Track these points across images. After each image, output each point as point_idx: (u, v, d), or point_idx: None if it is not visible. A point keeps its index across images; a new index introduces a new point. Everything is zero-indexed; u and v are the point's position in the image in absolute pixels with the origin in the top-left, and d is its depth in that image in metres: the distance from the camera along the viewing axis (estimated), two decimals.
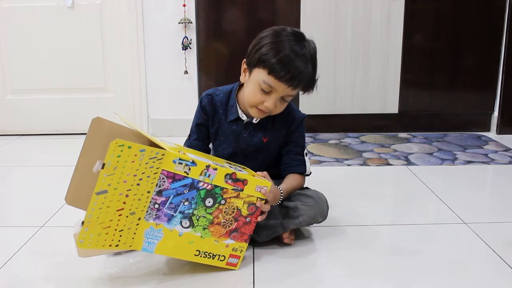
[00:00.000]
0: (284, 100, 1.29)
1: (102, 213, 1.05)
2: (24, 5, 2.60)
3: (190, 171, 1.12)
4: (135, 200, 1.08)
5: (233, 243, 1.22)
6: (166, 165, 1.09)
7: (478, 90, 2.65)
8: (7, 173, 2.13)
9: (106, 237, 1.08)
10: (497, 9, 2.54)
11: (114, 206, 1.06)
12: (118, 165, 1.03)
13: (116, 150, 1.02)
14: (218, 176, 1.15)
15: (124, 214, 1.08)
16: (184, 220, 1.15)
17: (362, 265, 1.28)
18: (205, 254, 1.20)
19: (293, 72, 1.22)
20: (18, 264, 1.30)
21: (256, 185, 1.20)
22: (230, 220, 1.20)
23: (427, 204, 1.69)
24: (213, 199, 1.16)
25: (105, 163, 1.02)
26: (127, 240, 1.11)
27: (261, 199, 1.21)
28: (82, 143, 1.23)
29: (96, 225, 1.06)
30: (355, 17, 2.53)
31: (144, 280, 1.22)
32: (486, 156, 2.24)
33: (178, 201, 1.13)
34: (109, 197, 1.05)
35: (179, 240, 1.16)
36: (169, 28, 2.58)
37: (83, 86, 2.71)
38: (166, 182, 1.10)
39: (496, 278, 1.22)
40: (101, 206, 1.05)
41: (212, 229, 1.18)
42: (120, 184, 1.05)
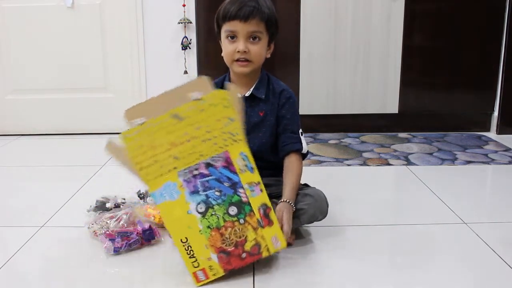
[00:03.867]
0: (253, 40, 1.35)
1: (161, 131, 1.04)
2: (24, 5, 2.60)
3: (244, 172, 1.12)
4: (187, 150, 1.07)
5: (215, 263, 1.17)
6: (233, 149, 1.09)
7: (478, 90, 2.64)
8: (7, 173, 2.13)
9: (144, 152, 1.05)
10: (497, 9, 2.54)
11: (172, 137, 1.05)
12: (207, 110, 1.04)
13: (221, 99, 1.03)
14: (258, 198, 1.14)
15: (171, 151, 1.06)
16: (201, 205, 1.13)
17: (362, 265, 1.28)
18: (188, 248, 1.15)
19: (238, 5, 1.31)
20: (18, 264, 1.30)
21: (275, 234, 1.17)
22: (232, 242, 1.16)
23: (427, 204, 1.69)
24: (237, 211, 1.14)
25: (202, 98, 1.02)
26: (151, 174, 1.08)
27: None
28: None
29: (148, 134, 1.04)
30: (355, 17, 2.53)
31: (144, 280, 1.23)
32: (486, 156, 2.24)
33: (213, 186, 1.12)
34: (177, 125, 1.04)
35: (183, 215, 1.13)
36: (169, 28, 2.58)
37: (83, 86, 2.71)
38: (219, 163, 1.10)
39: (496, 278, 1.22)
40: (165, 125, 1.04)
41: (213, 234, 1.15)
42: (193, 126, 1.04)
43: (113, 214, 1.46)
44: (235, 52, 1.35)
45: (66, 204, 1.71)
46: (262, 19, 1.34)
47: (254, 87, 1.43)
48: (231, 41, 1.35)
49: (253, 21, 1.33)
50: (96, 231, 1.40)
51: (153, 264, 1.29)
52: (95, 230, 1.41)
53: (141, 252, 1.35)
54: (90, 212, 1.55)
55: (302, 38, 2.54)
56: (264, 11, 1.34)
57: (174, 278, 1.23)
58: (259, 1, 1.35)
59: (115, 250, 1.32)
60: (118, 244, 1.33)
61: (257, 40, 1.35)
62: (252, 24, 1.33)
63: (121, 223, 1.42)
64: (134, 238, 1.35)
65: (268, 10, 1.36)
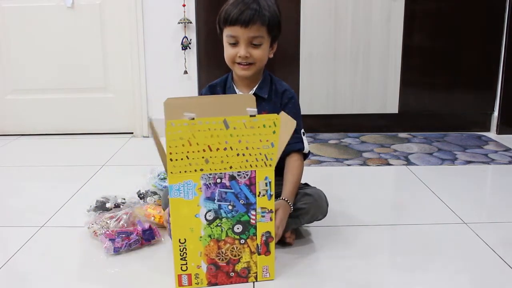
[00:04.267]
0: (255, 45, 1.34)
1: (205, 132, 1.04)
2: (24, 5, 2.60)
3: (262, 197, 1.12)
4: (220, 157, 1.07)
5: (202, 272, 1.16)
6: (261, 172, 1.11)
7: (478, 90, 2.65)
8: (7, 173, 2.13)
9: (181, 146, 1.05)
10: (497, 9, 2.54)
11: (212, 141, 1.06)
12: (256, 129, 1.06)
13: (272, 122, 1.06)
14: (265, 225, 1.15)
15: (205, 153, 1.06)
16: (211, 213, 1.12)
17: (362, 265, 1.28)
18: (183, 249, 1.13)
19: (240, 9, 1.30)
20: (18, 264, 1.30)
21: (268, 265, 1.18)
22: (226, 257, 1.16)
23: (427, 204, 1.69)
24: (242, 230, 1.14)
25: (256, 116, 1.05)
26: (177, 167, 1.07)
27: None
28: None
29: (193, 130, 1.03)
30: (355, 17, 2.53)
31: (144, 280, 1.23)
32: (486, 156, 2.24)
33: (229, 199, 1.12)
34: (222, 131, 1.05)
35: (190, 217, 1.12)
36: (169, 28, 2.58)
37: (83, 86, 2.71)
38: (243, 180, 1.11)
39: (496, 278, 1.22)
40: (212, 128, 1.04)
41: (211, 244, 1.14)
42: (236, 138, 1.06)
43: (113, 214, 1.46)
44: (237, 56, 1.35)
45: (66, 204, 1.71)
46: (263, 24, 1.33)
47: (257, 87, 1.43)
48: (233, 45, 1.35)
49: (254, 27, 1.32)
50: (96, 231, 1.40)
51: (153, 264, 1.29)
52: (95, 230, 1.41)
53: (141, 252, 1.35)
54: (90, 212, 1.55)
55: (302, 38, 2.54)
56: (265, 14, 1.32)
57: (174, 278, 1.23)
58: (261, 3, 1.33)
59: (115, 250, 1.32)
60: (118, 244, 1.33)
61: (258, 45, 1.35)
62: (253, 30, 1.32)
63: (121, 223, 1.42)
64: (134, 238, 1.35)
65: (269, 13, 1.34)
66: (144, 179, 1.74)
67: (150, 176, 1.73)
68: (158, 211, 1.49)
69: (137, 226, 1.40)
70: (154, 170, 1.76)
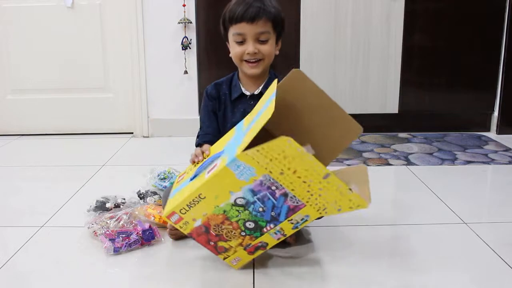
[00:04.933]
0: (262, 41, 1.35)
1: (302, 161, 1.04)
2: (24, 5, 2.60)
3: (288, 224, 1.15)
4: (294, 177, 1.07)
5: (192, 225, 1.15)
6: (308, 209, 1.12)
7: (478, 90, 2.64)
8: (7, 173, 2.13)
9: (280, 150, 1.03)
10: (497, 9, 2.54)
11: (301, 171, 1.05)
12: (344, 195, 1.08)
13: (359, 204, 1.09)
14: (269, 239, 1.18)
15: (286, 170, 1.06)
16: (243, 201, 1.11)
17: (362, 265, 1.28)
18: (194, 201, 1.12)
19: (244, 7, 1.32)
20: (18, 264, 1.30)
21: (241, 260, 1.23)
22: (218, 233, 1.17)
23: (427, 204, 1.69)
24: (250, 228, 1.16)
25: (352, 190, 1.07)
26: (257, 157, 1.05)
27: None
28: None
29: (297, 154, 1.03)
30: (355, 17, 2.53)
31: (144, 280, 1.23)
32: (486, 156, 2.24)
33: (266, 205, 1.12)
34: (316, 175, 1.05)
35: (224, 189, 1.09)
36: (169, 28, 2.58)
37: (83, 86, 2.71)
38: (290, 203, 1.11)
39: (496, 278, 1.22)
40: (314, 168, 1.04)
41: (219, 216, 1.13)
42: (320, 185, 1.07)
43: (113, 214, 1.46)
44: (245, 54, 1.36)
45: (66, 204, 1.71)
46: (269, 19, 1.34)
47: (263, 86, 1.43)
48: (240, 43, 1.36)
49: (260, 22, 1.33)
50: (96, 231, 1.40)
51: (153, 264, 1.29)
52: (95, 230, 1.41)
53: (141, 252, 1.35)
54: (90, 212, 1.55)
55: (302, 38, 2.54)
56: (270, 10, 1.34)
57: (174, 278, 1.23)
58: (264, 1, 1.35)
59: (115, 250, 1.32)
60: (118, 244, 1.33)
61: (265, 40, 1.36)
62: (259, 25, 1.33)
63: (121, 223, 1.42)
64: (134, 238, 1.35)
65: (273, 9, 1.36)
66: (144, 179, 1.74)
67: (150, 176, 1.73)
68: (158, 211, 1.49)
69: (137, 226, 1.40)
70: (154, 170, 1.76)
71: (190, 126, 2.59)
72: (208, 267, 1.27)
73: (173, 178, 1.72)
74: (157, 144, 2.60)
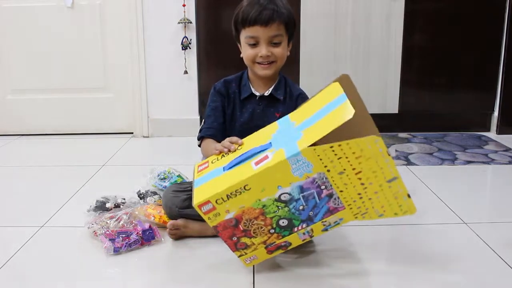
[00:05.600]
0: (275, 43, 1.35)
1: (368, 161, 1.03)
2: (24, 5, 2.60)
3: (320, 224, 1.14)
4: (348, 178, 1.06)
5: (223, 217, 1.10)
6: (345, 213, 1.11)
7: (478, 90, 2.65)
8: (7, 173, 2.13)
9: (358, 149, 1.02)
10: (497, 9, 2.54)
11: (366, 170, 1.05)
12: (404, 207, 1.08)
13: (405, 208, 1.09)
14: (296, 239, 1.16)
15: (348, 167, 1.04)
16: (287, 197, 1.09)
17: (362, 265, 1.28)
18: (235, 192, 1.07)
19: (257, 9, 1.31)
20: (18, 264, 1.30)
21: (256, 258, 1.20)
22: (248, 227, 1.13)
23: (427, 204, 1.69)
24: (282, 226, 1.13)
25: (395, 178, 1.05)
26: (323, 154, 1.04)
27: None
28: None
29: (378, 154, 1.02)
30: (355, 17, 2.53)
31: (144, 280, 1.23)
32: (486, 156, 2.24)
33: (308, 203, 1.10)
34: (377, 176, 1.05)
35: (273, 182, 1.07)
36: (169, 28, 2.58)
37: (83, 86, 2.71)
38: (332, 204, 1.11)
39: (496, 278, 1.22)
40: (383, 168, 1.04)
41: (256, 210, 1.10)
42: (378, 188, 1.06)
43: (113, 214, 1.46)
44: (257, 56, 1.36)
45: (66, 204, 1.71)
46: (282, 22, 1.34)
47: (273, 88, 1.43)
48: (252, 46, 1.35)
49: (274, 25, 1.33)
50: (96, 231, 1.40)
51: (153, 264, 1.29)
52: (95, 230, 1.41)
53: (141, 252, 1.35)
54: (90, 212, 1.55)
55: (302, 38, 2.54)
56: (283, 12, 1.34)
57: (174, 278, 1.23)
58: (276, 2, 1.35)
59: (115, 250, 1.32)
60: (118, 244, 1.33)
61: (278, 43, 1.35)
62: (272, 28, 1.33)
63: (121, 223, 1.42)
64: (134, 238, 1.35)
65: (286, 10, 1.35)
66: (144, 179, 1.74)
67: (150, 176, 1.73)
68: (158, 211, 1.49)
69: (137, 226, 1.40)
70: (154, 170, 1.76)
71: (190, 126, 2.59)
72: (208, 267, 1.27)
73: (173, 178, 1.72)
74: (157, 144, 2.60)
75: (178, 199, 1.41)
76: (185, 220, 1.40)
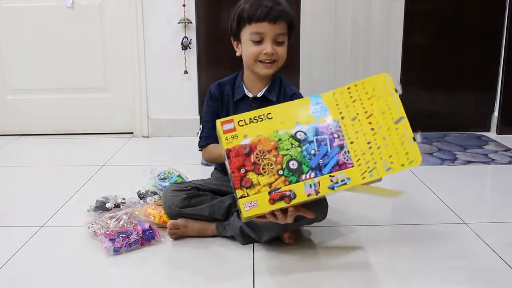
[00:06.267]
0: (279, 42, 1.36)
1: (379, 101, 1.15)
2: (24, 5, 2.60)
3: (328, 179, 1.11)
4: (362, 127, 1.12)
5: (239, 140, 1.12)
6: (352, 171, 1.10)
7: (478, 90, 2.65)
8: (7, 173, 2.13)
9: (371, 88, 1.15)
10: (497, 9, 2.54)
11: (378, 113, 1.13)
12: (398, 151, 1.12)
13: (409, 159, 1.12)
14: (301, 190, 1.11)
15: (364, 110, 1.13)
16: (302, 135, 1.12)
17: (362, 265, 1.28)
18: (256, 118, 1.14)
19: (267, 5, 1.32)
20: (18, 264, 1.30)
21: (256, 201, 1.12)
22: (260, 160, 1.11)
23: (427, 204, 1.69)
24: (292, 169, 1.11)
25: (402, 118, 1.14)
26: (340, 98, 1.17)
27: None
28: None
29: (387, 92, 1.16)
30: (355, 17, 2.53)
31: (144, 279, 1.23)
32: (486, 156, 2.24)
33: (320, 150, 1.12)
34: (387, 117, 1.13)
35: (292, 118, 1.14)
36: (169, 28, 2.57)
37: (83, 86, 2.71)
38: (342, 157, 1.12)
39: (496, 278, 1.22)
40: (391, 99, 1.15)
41: (271, 142, 1.12)
42: (387, 135, 1.11)
43: (113, 214, 1.46)
44: (261, 54, 1.35)
45: (66, 204, 1.71)
46: (288, 22, 1.36)
47: (266, 89, 1.43)
48: (257, 43, 1.35)
49: (281, 24, 1.34)
50: (96, 231, 1.40)
51: (153, 264, 1.29)
52: (95, 230, 1.41)
53: (141, 252, 1.35)
54: (90, 212, 1.55)
55: (302, 38, 2.54)
56: (289, 13, 1.36)
57: (174, 278, 1.23)
58: (281, 2, 1.36)
59: (115, 250, 1.32)
60: (118, 244, 1.33)
61: (281, 42, 1.36)
62: (279, 27, 1.34)
63: (121, 223, 1.42)
64: (134, 238, 1.35)
65: (290, 11, 1.37)
66: (144, 179, 1.74)
67: (150, 176, 1.73)
68: (158, 211, 1.49)
69: (137, 226, 1.40)
70: (154, 170, 1.76)
71: (190, 126, 2.59)
72: (208, 267, 1.27)
73: (173, 178, 1.72)
74: (157, 144, 2.60)
75: (178, 198, 1.41)
76: (185, 219, 1.40)
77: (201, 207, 1.40)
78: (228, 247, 1.37)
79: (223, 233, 1.40)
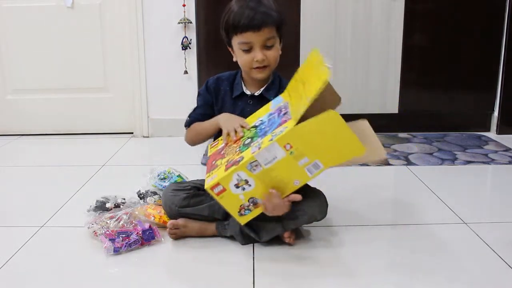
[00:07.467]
0: (268, 47, 1.36)
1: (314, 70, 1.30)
2: (24, 5, 2.60)
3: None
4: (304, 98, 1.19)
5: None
6: (291, 134, 1.16)
7: (478, 90, 2.64)
8: (7, 173, 2.13)
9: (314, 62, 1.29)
10: (497, 9, 2.54)
11: (312, 80, 1.26)
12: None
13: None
14: (246, 152, 1.20)
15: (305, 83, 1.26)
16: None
17: (362, 265, 1.28)
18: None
19: (248, 14, 1.31)
20: (18, 264, 1.30)
21: (215, 178, 1.22)
22: (226, 151, 1.29)
23: (427, 204, 1.69)
24: (248, 142, 1.23)
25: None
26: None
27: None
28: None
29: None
30: (355, 17, 2.53)
31: (144, 279, 1.23)
32: (486, 156, 2.24)
33: (270, 124, 1.24)
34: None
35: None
36: (169, 28, 2.57)
37: (83, 86, 2.71)
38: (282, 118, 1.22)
39: (496, 278, 1.22)
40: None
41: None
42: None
43: (113, 214, 1.46)
44: (253, 61, 1.36)
45: (66, 204, 1.71)
46: (273, 24, 1.34)
47: (264, 88, 1.43)
48: (246, 52, 1.36)
49: (266, 29, 1.33)
50: (96, 231, 1.40)
51: (153, 264, 1.30)
52: (95, 230, 1.41)
53: (141, 252, 1.35)
54: (90, 212, 1.55)
55: (302, 38, 2.54)
56: (272, 14, 1.34)
57: (175, 278, 1.23)
58: (265, 4, 1.34)
59: (115, 250, 1.32)
60: (118, 244, 1.33)
61: (271, 46, 1.36)
62: (265, 32, 1.33)
63: (121, 223, 1.42)
64: (134, 238, 1.35)
65: (275, 12, 1.35)
66: (144, 179, 1.74)
67: (150, 176, 1.73)
68: (158, 211, 1.49)
69: (137, 226, 1.40)
70: (154, 170, 1.76)
71: None
72: (208, 267, 1.27)
73: (173, 178, 1.72)
74: (157, 144, 2.60)
75: (178, 197, 1.41)
76: (185, 219, 1.40)
77: (201, 207, 1.40)
78: (228, 247, 1.37)
79: (223, 233, 1.40)
